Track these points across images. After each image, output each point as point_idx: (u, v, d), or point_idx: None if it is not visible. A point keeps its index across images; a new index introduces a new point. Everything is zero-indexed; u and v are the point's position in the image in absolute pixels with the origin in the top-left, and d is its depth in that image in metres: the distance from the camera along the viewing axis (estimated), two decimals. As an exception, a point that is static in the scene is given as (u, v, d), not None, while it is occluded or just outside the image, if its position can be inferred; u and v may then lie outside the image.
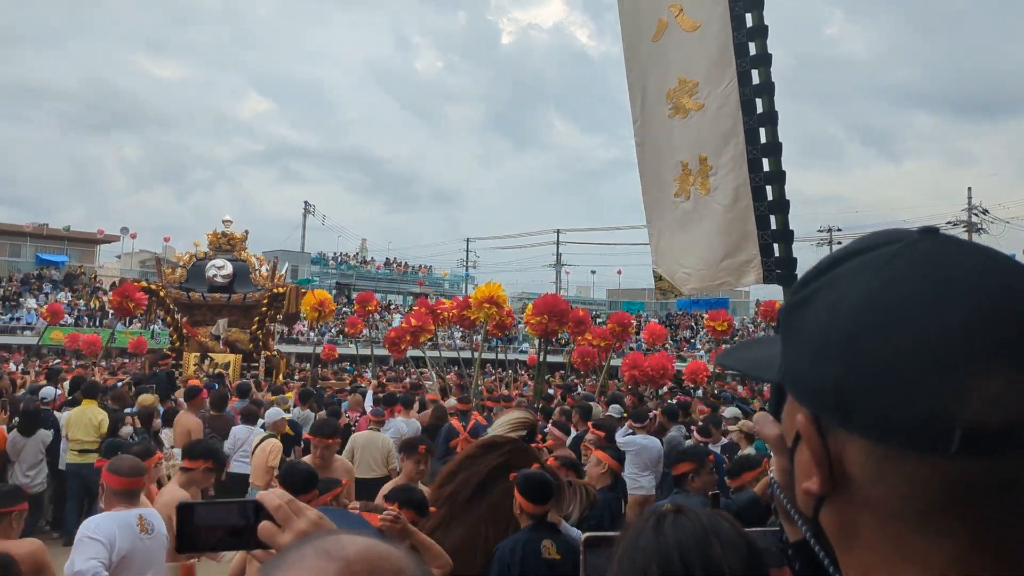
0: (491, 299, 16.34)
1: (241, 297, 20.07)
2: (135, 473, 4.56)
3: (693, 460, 5.54)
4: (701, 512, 1.20)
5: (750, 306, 52.33)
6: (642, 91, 6.51)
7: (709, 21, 5.90)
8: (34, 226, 49.62)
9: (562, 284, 63.99)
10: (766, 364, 0.86)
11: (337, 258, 57.21)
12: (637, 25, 6.50)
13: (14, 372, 18.96)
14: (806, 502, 0.81)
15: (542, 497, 4.18)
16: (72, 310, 38.20)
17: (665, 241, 6.54)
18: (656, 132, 6.42)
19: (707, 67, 5.93)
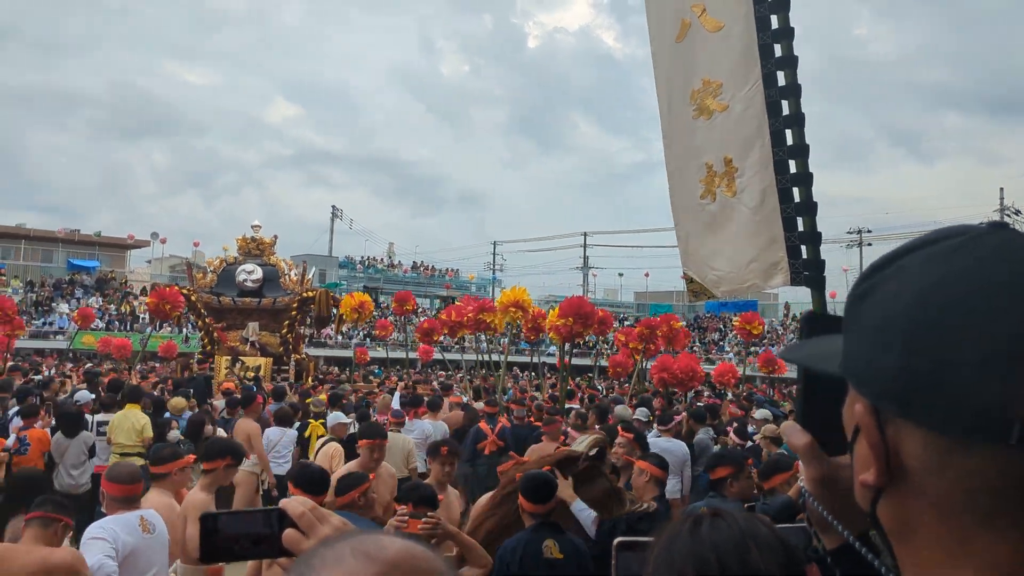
0: (516, 303, 16.40)
1: (271, 301, 20.22)
2: (132, 480, 4.78)
3: (732, 464, 5.49)
4: (738, 515, 1.17)
5: (779, 308, 52.00)
6: (668, 93, 6.49)
7: (733, 22, 5.86)
8: (66, 232, 50.31)
9: (589, 287, 63.91)
10: (829, 358, 0.85)
11: (365, 262, 57.45)
12: (662, 27, 6.49)
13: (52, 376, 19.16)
14: (863, 495, 0.80)
15: (543, 497, 4.21)
16: (103, 315, 38.63)
17: (693, 243, 6.51)
18: (681, 134, 6.39)
19: (731, 68, 5.90)
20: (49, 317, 37.26)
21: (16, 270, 44.06)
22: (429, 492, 4.38)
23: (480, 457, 9.41)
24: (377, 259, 59.18)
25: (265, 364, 19.28)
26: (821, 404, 1.09)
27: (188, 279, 21.08)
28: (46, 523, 4.27)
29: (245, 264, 20.62)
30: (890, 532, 0.79)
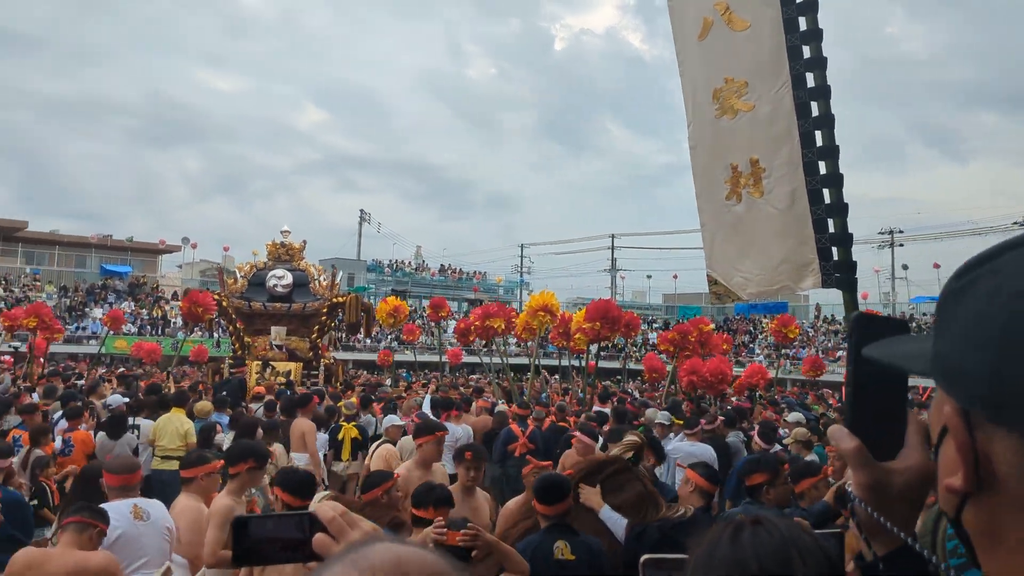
0: (545, 307, 16.48)
1: (301, 306, 20.35)
2: (127, 471, 5.25)
3: (768, 470, 5.33)
4: (780, 522, 1.15)
5: (809, 309, 51.52)
6: (693, 93, 6.43)
7: (760, 23, 5.78)
8: (98, 237, 50.91)
9: (617, 289, 63.74)
10: (916, 357, 0.82)
11: (392, 265, 57.66)
12: (685, 26, 6.42)
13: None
14: (948, 500, 0.78)
15: (553, 498, 4.20)
16: (135, 319, 39.06)
17: (719, 245, 6.45)
18: (706, 134, 6.33)
19: (757, 68, 5.81)
20: (82, 322, 37.74)
21: (50, 276, 44.64)
22: (445, 493, 4.36)
23: (510, 459, 9.43)
24: (405, 262, 59.36)
25: (295, 368, 19.43)
26: (871, 408, 1.07)
27: (220, 284, 21.24)
28: (82, 528, 4.32)
29: (275, 269, 20.76)
30: (976, 539, 0.76)
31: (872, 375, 1.05)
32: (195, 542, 5.16)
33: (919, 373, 0.82)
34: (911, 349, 0.88)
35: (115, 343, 31.26)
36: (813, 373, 22.41)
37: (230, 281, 20.94)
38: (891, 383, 1.07)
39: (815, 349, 43.25)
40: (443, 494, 4.32)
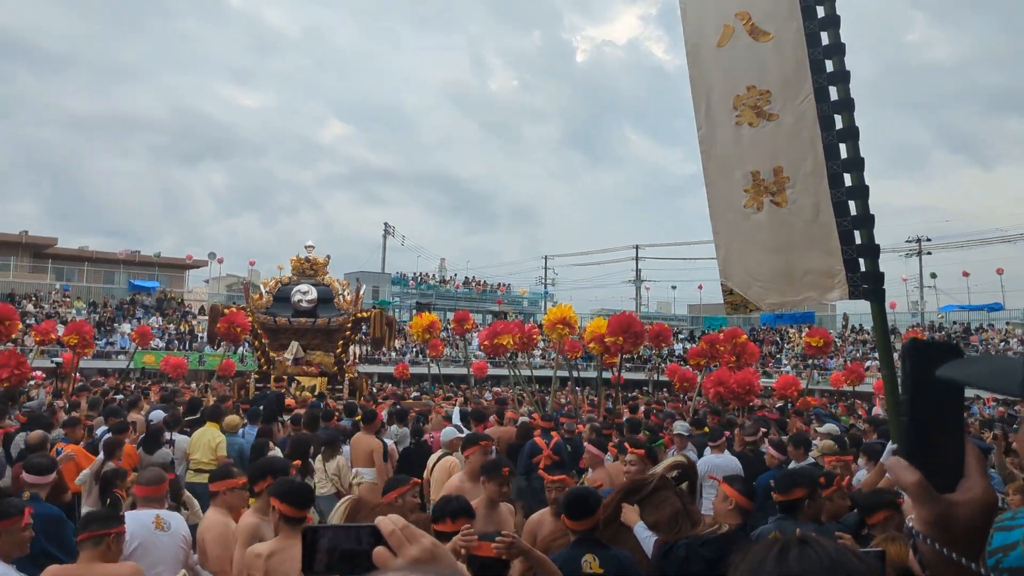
0: (563, 320, 16.79)
1: (325, 321, 20.44)
2: (153, 483, 5.54)
3: (807, 485, 5.19)
4: (827, 544, 1.12)
5: (837, 319, 51.08)
6: (706, 97, 6.33)
7: (783, 34, 5.79)
8: (127, 253, 51.48)
9: (642, 300, 63.53)
10: (1007, 378, 0.79)
11: (417, 278, 57.79)
12: (700, 29, 6.35)
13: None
14: None
15: (580, 513, 4.19)
16: (163, 334, 39.39)
17: (735, 253, 6.32)
18: (722, 140, 6.23)
19: (781, 80, 5.81)
20: (111, 337, 38.09)
21: (79, 292, 45.11)
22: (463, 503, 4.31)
23: (535, 471, 9.38)
24: (429, 275, 59.49)
25: (320, 383, 19.52)
26: (928, 437, 1.03)
27: (245, 299, 21.39)
28: (97, 540, 4.34)
29: (300, 284, 20.88)
30: None
31: (928, 402, 1.02)
32: (222, 557, 5.18)
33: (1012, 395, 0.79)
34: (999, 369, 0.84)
35: (143, 358, 31.55)
36: (851, 383, 22.24)
37: (255, 296, 21.08)
38: (948, 409, 1.03)
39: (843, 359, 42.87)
40: (460, 505, 4.29)
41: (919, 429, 1.03)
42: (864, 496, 5.21)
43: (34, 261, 48.10)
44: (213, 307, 21.53)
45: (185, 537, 5.31)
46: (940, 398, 0.98)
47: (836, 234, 5.61)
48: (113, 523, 4.48)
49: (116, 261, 50.53)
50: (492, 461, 6.12)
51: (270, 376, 19.77)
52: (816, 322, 50.90)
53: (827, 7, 5.73)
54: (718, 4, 6.24)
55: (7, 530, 4.35)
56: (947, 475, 1.01)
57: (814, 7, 5.74)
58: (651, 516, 4.68)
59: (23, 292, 42.26)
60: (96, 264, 49.64)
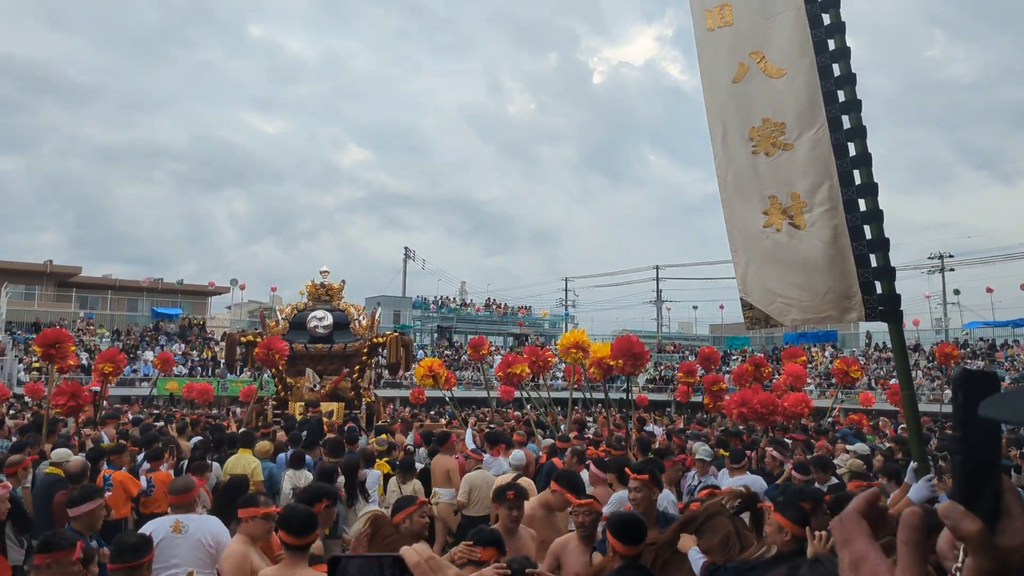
0: (577, 345, 17.17)
1: (342, 347, 20.51)
2: (178, 492, 6.24)
3: (810, 501, 5.28)
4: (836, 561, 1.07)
5: (860, 337, 50.68)
6: (722, 128, 6.51)
7: (795, 71, 5.98)
8: (149, 281, 51.99)
9: (663, 321, 63.32)
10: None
11: (438, 302, 57.90)
12: (716, 66, 6.58)
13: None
14: None
15: (633, 539, 4.21)
16: (186, 361, 39.63)
17: (754, 270, 6.40)
18: (739, 167, 6.39)
19: (795, 112, 5.97)
20: (135, 365, 38.34)
21: (103, 320, 45.56)
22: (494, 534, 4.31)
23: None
24: (450, 298, 59.58)
25: (337, 408, 19.55)
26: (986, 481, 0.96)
27: (262, 326, 21.50)
28: (129, 572, 4.41)
29: (316, 311, 20.99)
30: None
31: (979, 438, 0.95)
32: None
33: None
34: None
35: (167, 385, 31.71)
36: (894, 404, 22.01)
37: (272, 323, 21.18)
38: (991, 444, 0.96)
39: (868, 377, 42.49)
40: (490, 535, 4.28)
41: (976, 469, 0.95)
42: (834, 499, 5.18)
43: (59, 290, 48.68)
44: (229, 336, 21.66)
45: (203, 540, 5.82)
46: (986, 433, 0.93)
47: (852, 257, 5.69)
48: (146, 551, 4.54)
49: (139, 289, 51.05)
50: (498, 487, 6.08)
51: (287, 402, 19.83)
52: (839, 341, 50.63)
53: (837, 40, 5.88)
54: (732, 45, 6.44)
55: (58, 562, 4.37)
56: (987, 515, 0.94)
57: (825, 41, 5.89)
58: (705, 541, 4.68)
59: (48, 321, 42.71)
60: (119, 292, 50.16)
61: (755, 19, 6.31)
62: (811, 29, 5.95)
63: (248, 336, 21.36)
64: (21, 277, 47.01)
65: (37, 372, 33.04)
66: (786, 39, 6.09)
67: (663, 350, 52.82)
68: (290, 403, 19.78)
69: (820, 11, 5.95)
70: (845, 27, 5.90)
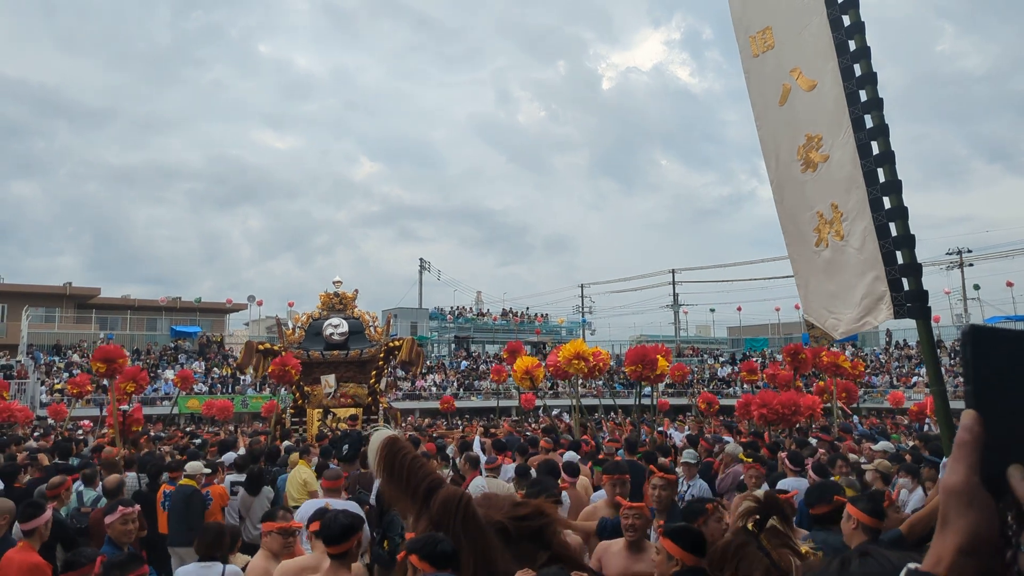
0: (578, 355, 17.58)
1: (358, 353, 20.57)
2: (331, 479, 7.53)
3: (834, 497, 5.36)
4: (889, 554, 1.07)
5: (880, 335, 50.35)
6: (775, 154, 6.67)
7: (823, 77, 6.09)
8: (168, 300, 52.21)
9: (681, 324, 63.12)
10: None
11: (454, 312, 57.91)
12: (764, 93, 6.72)
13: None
14: None
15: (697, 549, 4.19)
16: (206, 378, 39.77)
17: (811, 290, 6.57)
18: (792, 189, 6.56)
19: (827, 120, 6.08)
20: (155, 384, 38.50)
21: (123, 340, 45.78)
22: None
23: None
24: (467, 309, 59.57)
25: (357, 414, 19.65)
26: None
27: (279, 335, 21.59)
28: None
29: (331, 318, 21.06)
30: None
31: (997, 396, 0.93)
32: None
33: None
34: None
35: (187, 403, 31.81)
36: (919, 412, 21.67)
37: (288, 332, 21.25)
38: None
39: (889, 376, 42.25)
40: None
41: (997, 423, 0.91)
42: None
43: (78, 312, 48.99)
44: (248, 343, 21.76)
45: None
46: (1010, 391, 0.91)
47: (880, 257, 5.75)
48: (137, 566, 4.48)
49: (158, 308, 51.28)
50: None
51: (305, 410, 19.90)
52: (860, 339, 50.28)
53: (858, 40, 5.94)
54: (777, 67, 6.57)
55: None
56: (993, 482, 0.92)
57: (846, 42, 5.96)
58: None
59: (68, 343, 43.03)
60: (138, 312, 50.41)
61: (791, 35, 6.43)
62: (832, 32, 6.03)
63: (265, 344, 21.45)
64: (41, 300, 47.38)
65: (59, 394, 33.27)
66: (813, 47, 6.19)
67: (682, 354, 52.61)
68: (308, 410, 19.87)
69: (840, 13, 6.01)
70: (865, 27, 5.94)
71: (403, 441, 3.67)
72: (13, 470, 9.23)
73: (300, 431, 19.26)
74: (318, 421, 19.45)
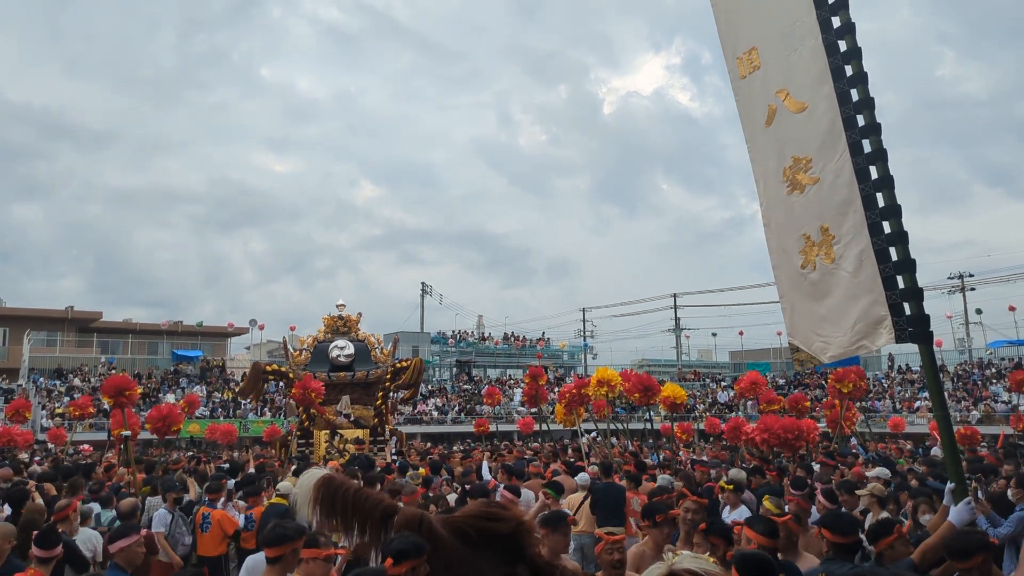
0: (604, 381, 18.22)
1: (364, 374, 20.58)
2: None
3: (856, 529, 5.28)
4: (883, 572, 1.09)
5: (882, 360, 50.26)
6: (764, 175, 6.71)
7: (815, 100, 6.11)
8: (169, 324, 52.23)
9: (683, 348, 63.04)
10: None
11: (456, 336, 57.88)
12: (752, 115, 6.78)
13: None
14: None
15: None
16: (207, 402, 39.70)
17: (797, 313, 6.55)
18: (779, 211, 6.58)
19: (818, 143, 6.10)
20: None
21: (124, 364, 45.77)
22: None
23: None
24: (468, 333, 59.54)
25: (364, 436, 19.65)
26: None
27: (285, 357, 21.60)
28: None
29: (337, 340, 21.11)
30: None
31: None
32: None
33: None
34: None
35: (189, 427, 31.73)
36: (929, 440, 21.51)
37: (295, 354, 21.26)
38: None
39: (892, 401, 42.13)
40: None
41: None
42: (955, 539, 5.01)
43: (80, 336, 49.00)
44: (255, 365, 21.76)
45: None
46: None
47: (880, 281, 5.72)
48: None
49: (159, 332, 51.31)
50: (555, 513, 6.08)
51: (311, 432, 19.87)
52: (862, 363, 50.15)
53: (855, 66, 5.97)
54: (763, 88, 6.62)
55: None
56: None
57: (843, 67, 5.99)
58: None
59: (70, 367, 43.00)
60: (140, 336, 50.46)
61: (778, 57, 6.47)
62: (828, 57, 6.05)
63: (273, 366, 21.46)
64: (43, 324, 47.40)
65: (60, 418, 33.23)
66: (805, 71, 6.22)
67: (684, 379, 52.50)
68: (316, 432, 19.85)
69: (836, 38, 6.06)
70: (861, 53, 5.97)
71: (341, 477, 3.49)
72: (21, 495, 9.25)
73: (307, 452, 19.23)
74: (325, 443, 19.46)
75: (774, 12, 6.53)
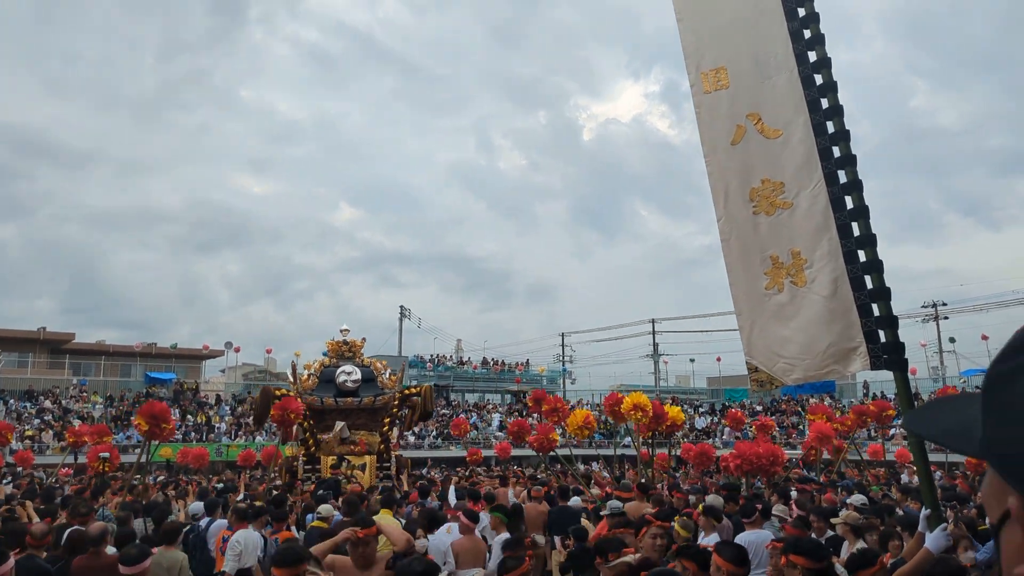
0: (639, 406, 18.05)
1: (371, 400, 20.46)
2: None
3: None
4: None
5: (857, 387, 50.54)
6: (724, 191, 6.67)
7: (791, 129, 6.17)
8: (143, 346, 51.71)
9: (661, 374, 63.08)
10: (962, 434, 0.77)
11: (434, 360, 57.67)
12: (715, 129, 6.76)
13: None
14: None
15: None
16: (180, 426, 39.29)
17: (758, 333, 6.51)
18: (741, 228, 6.55)
19: (793, 170, 6.14)
20: (128, 431, 37.96)
21: (96, 386, 45.26)
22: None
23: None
24: (446, 357, 59.33)
25: (369, 461, 19.52)
26: None
27: (292, 381, 21.43)
28: None
29: (344, 365, 20.99)
30: None
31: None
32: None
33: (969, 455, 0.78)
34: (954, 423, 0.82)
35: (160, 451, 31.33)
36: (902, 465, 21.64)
37: (303, 378, 21.10)
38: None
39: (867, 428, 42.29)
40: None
41: None
42: (935, 565, 5.03)
43: (52, 357, 48.42)
44: (264, 389, 21.56)
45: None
46: None
47: (855, 308, 5.76)
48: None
49: (133, 354, 50.79)
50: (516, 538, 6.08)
51: (318, 458, 19.71)
52: (837, 391, 50.45)
53: (831, 98, 6.06)
54: (730, 108, 6.64)
55: None
56: None
57: (819, 99, 6.07)
58: None
59: (41, 388, 42.47)
60: (113, 358, 49.90)
61: (750, 82, 6.51)
62: (804, 89, 6.13)
63: (282, 391, 21.28)
64: (14, 344, 46.72)
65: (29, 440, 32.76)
66: (781, 100, 6.28)
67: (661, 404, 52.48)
68: (322, 457, 19.69)
69: (812, 72, 6.15)
70: (837, 86, 6.09)
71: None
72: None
73: (313, 478, 19.02)
74: (330, 468, 19.29)
75: (748, 38, 6.59)
